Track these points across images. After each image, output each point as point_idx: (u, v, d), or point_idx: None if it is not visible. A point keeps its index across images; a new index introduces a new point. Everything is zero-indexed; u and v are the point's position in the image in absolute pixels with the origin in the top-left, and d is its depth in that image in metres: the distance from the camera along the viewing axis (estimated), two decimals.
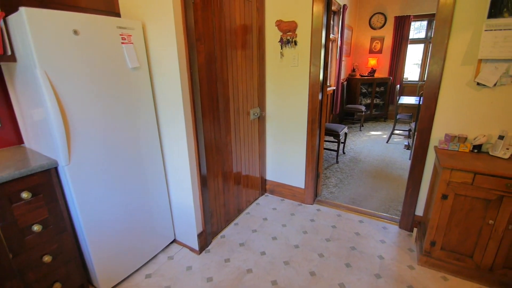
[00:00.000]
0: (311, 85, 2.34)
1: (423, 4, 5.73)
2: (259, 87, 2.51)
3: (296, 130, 2.55)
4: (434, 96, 1.91)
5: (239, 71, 2.20)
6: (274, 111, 2.62)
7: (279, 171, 2.78)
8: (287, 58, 2.41)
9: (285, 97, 2.52)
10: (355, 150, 4.28)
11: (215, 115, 2.00)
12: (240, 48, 2.18)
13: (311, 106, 2.39)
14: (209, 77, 1.88)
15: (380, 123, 6.19)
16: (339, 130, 3.64)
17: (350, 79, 6.08)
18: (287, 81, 2.46)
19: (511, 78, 1.70)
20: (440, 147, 1.90)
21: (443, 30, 1.79)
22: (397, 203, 2.66)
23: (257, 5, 2.31)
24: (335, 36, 5.00)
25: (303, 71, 2.36)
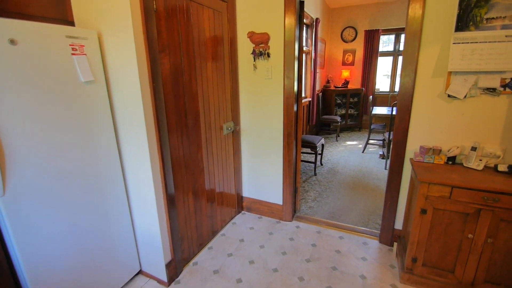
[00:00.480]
0: (285, 98, 2.27)
1: (390, 19, 6.01)
2: (232, 101, 2.40)
3: (272, 144, 2.45)
4: (407, 108, 1.89)
5: (210, 84, 2.08)
6: (249, 125, 2.51)
7: (256, 187, 2.65)
8: (260, 71, 2.33)
9: (260, 111, 2.42)
10: (332, 161, 4.27)
11: (184, 131, 1.85)
12: (211, 60, 2.06)
13: (286, 119, 2.31)
14: (175, 91, 1.74)
15: (355, 133, 6.30)
16: (316, 141, 3.60)
17: (325, 91, 6.18)
18: (261, 94, 2.37)
19: (480, 90, 1.72)
20: (416, 159, 1.88)
21: (413, 43, 1.79)
22: (376, 215, 2.62)
23: (228, 16, 2.23)
24: (309, 48, 5.06)
25: (277, 83, 2.29)
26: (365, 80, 6.44)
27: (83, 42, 1.42)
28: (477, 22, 1.64)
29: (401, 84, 1.88)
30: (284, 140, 2.37)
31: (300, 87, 2.39)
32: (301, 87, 2.41)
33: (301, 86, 2.41)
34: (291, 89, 2.24)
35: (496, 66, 1.63)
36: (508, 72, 1.63)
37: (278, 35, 2.19)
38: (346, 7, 6.29)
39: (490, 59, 1.63)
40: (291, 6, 2.10)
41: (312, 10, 4.78)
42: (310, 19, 4.76)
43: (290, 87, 2.24)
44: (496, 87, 1.68)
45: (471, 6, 1.63)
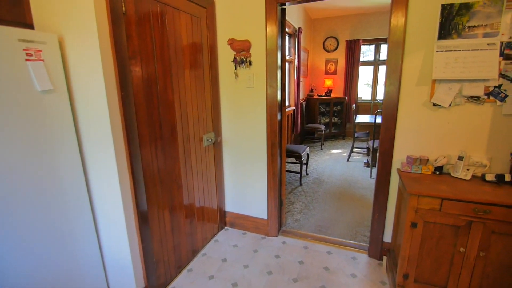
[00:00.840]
0: (268, 107, 2.18)
1: (369, 30, 6.16)
2: (213, 110, 2.27)
3: (255, 155, 2.34)
4: (392, 117, 1.84)
5: (188, 93, 1.95)
6: (231, 136, 2.39)
7: (239, 201, 2.51)
8: (242, 79, 2.23)
9: (242, 120, 2.31)
10: (318, 171, 4.20)
11: (159, 143, 1.70)
12: (189, 68, 1.94)
13: (270, 129, 2.21)
14: (149, 100, 1.60)
15: (339, 141, 6.32)
16: (301, 151, 3.52)
17: (308, 99, 6.18)
18: (244, 103, 2.27)
19: (464, 98, 1.69)
20: (403, 170, 1.82)
21: (397, 51, 1.76)
22: (364, 227, 2.54)
23: (207, 22, 2.13)
24: (292, 57, 5.05)
25: (259, 92, 2.19)
26: (347, 89, 6.51)
27: (41, 47, 1.27)
28: (460, 30, 1.62)
29: (385, 92, 1.84)
30: (268, 151, 2.26)
31: (283, 96, 2.31)
32: (284, 96, 2.33)
33: (284, 95, 2.33)
34: (274, 98, 2.15)
35: (479, 74, 1.61)
36: (491, 80, 1.61)
37: (259, 43, 2.11)
38: (328, 18, 6.40)
39: (473, 67, 1.61)
40: (273, 13, 2.03)
41: (294, 19, 4.80)
42: (293, 28, 4.77)
43: (273, 96, 2.15)
44: (480, 95, 1.65)
45: (453, 14, 1.62)
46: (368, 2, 5.27)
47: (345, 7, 5.59)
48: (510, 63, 1.58)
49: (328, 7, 5.61)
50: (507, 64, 1.58)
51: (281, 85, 2.25)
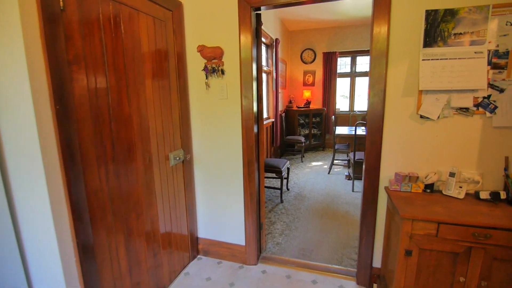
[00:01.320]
0: (244, 120, 1.96)
1: (345, 42, 6.23)
2: (181, 125, 2.02)
3: (230, 174, 2.10)
4: (378, 130, 1.69)
5: (150, 107, 1.69)
6: (202, 153, 2.14)
7: (213, 226, 2.24)
8: (214, 90, 2.01)
9: (215, 136, 2.07)
10: (299, 185, 4.02)
11: (110, 166, 1.42)
12: (151, 77, 1.70)
13: (246, 144, 1.99)
14: (96, 115, 1.33)
15: (319, 153, 6.22)
16: (281, 166, 3.32)
17: (287, 111, 6.08)
18: (216, 116, 2.04)
19: (453, 110, 1.57)
20: (392, 188, 1.66)
21: (380, 60, 1.62)
22: (350, 248, 2.35)
23: (174, 26, 1.91)
24: (270, 68, 4.94)
25: (233, 104, 1.98)
26: (325, 100, 6.50)
27: None
28: (445, 38, 1.51)
29: (369, 104, 1.69)
30: (244, 169, 2.03)
31: (260, 107, 2.11)
32: (261, 108, 2.13)
33: (261, 107, 2.13)
34: (250, 110, 1.94)
35: (467, 84, 1.50)
36: (480, 91, 1.51)
37: (233, 50, 1.91)
38: (304, 30, 6.42)
39: (462, 76, 1.51)
40: (246, 18, 1.85)
41: (271, 30, 4.71)
42: (270, 39, 4.66)
43: (249, 108, 1.94)
44: (469, 107, 1.54)
45: (438, 20, 1.51)
46: (343, 15, 5.33)
47: (321, 19, 5.62)
48: (498, 72, 1.48)
49: (305, 20, 5.62)
50: (495, 74, 1.49)
51: (258, 96, 2.06)
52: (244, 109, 1.94)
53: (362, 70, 6.47)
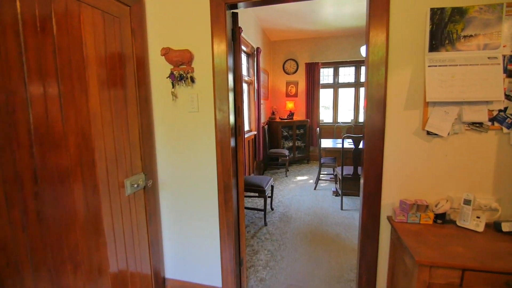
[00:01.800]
0: (219, 137, 1.64)
1: (327, 53, 6.14)
2: (142, 144, 1.66)
3: (203, 202, 1.75)
4: (378, 149, 1.42)
5: (95, 122, 1.33)
6: (170, 177, 1.78)
7: (184, 265, 1.86)
8: (182, 101, 1.68)
9: (185, 156, 1.73)
10: (284, 203, 3.70)
11: (31, 206, 1.03)
12: (98, 85, 1.34)
13: (221, 166, 1.66)
14: (7, 137, 0.96)
15: (304, 166, 5.98)
16: (264, 184, 3.00)
17: (270, 123, 5.82)
18: (185, 133, 1.70)
19: (464, 125, 1.34)
20: (397, 219, 1.38)
21: (379, 67, 1.37)
22: (345, 283, 2.04)
23: (133, 25, 1.58)
24: (251, 78, 4.68)
25: (206, 118, 1.65)
26: (309, 112, 6.32)
27: None
28: (454, 41, 1.29)
29: (367, 118, 1.42)
30: (220, 196, 1.69)
31: (239, 121, 1.80)
32: (240, 122, 1.82)
33: (240, 120, 1.82)
34: (225, 126, 1.62)
35: (482, 94, 1.27)
36: (496, 102, 1.28)
37: (204, 53, 1.61)
38: (286, 40, 6.27)
39: (475, 85, 1.27)
40: (220, 17, 1.56)
41: (252, 39, 4.48)
42: (251, 47, 4.42)
43: (225, 123, 1.62)
44: (483, 121, 1.31)
45: (445, 20, 1.28)
46: (325, 25, 5.22)
47: (303, 29, 5.48)
48: None
49: (286, 29, 5.46)
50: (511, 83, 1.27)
51: (236, 108, 1.75)
52: (218, 124, 1.62)
53: (345, 81, 6.38)
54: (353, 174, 3.44)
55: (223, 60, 1.57)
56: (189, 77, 1.61)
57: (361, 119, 6.37)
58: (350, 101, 6.46)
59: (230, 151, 1.64)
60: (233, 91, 1.70)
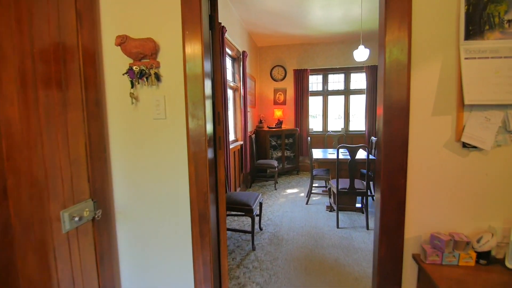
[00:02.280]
0: (192, 152, 1.26)
1: (316, 60, 5.93)
2: (91, 161, 1.26)
3: (172, 237, 1.35)
4: (400, 169, 1.09)
5: (13, 134, 0.93)
6: (130, 204, 1.38)
7: None
8: (145, 105, 1.30)
9: (149, 175, 1.34)
10: (274, 221, 3.33)
11: None
12: (19, 85, 0.95)
13: (195, 190, 1.28)
14: None
15: (293, 177, 5.65)
16: (251, 202, 2.63)
17: (258, 132, 5.48)
18: (150, 146, 1.32)
19: (510, 135, 1.03)
20: (429, 261, 1.04)
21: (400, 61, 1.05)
22: None
23: (78, 6, 1.20)
24: (237, 84, 4.35)
25: (176, 126, 1.28)
26: (298, 120, 6.05)
27: None
28: (496, 26, 0.99)
29: (384, 129, 1.09)
30: (194, 229, 1.30)
31: (220, 130, 1.44)
32: (221, 131, 1.46)
33: (221, 129, 1.46)
34: (201, 136, 1.25)
35: None
36: None
37: (172, 43, 1.25)
38: (274, 46, 6.03)
39: None
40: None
41: (238, 42, 4.17)
42: (237, 51, 4.11)
43: (199, 133, 1.25)
44: None
45: (484, 0, 0.99)
46: (314, 30, 5.01)
47: (291, 34, 5.25)
48: None
49: (274, 34, 5.21)
50: None
51: (215, 114, 1.39)
52: (192, 134, 1.25)
53: (335, 89, 6.17)
54: (349, 188, 3.13)
55: (197, 51, 1.22)
56: (153, 74, 1.24)
57: (352, 127, 6.16)
58: (339, 109, 6.25)
59: (207, 169, 1.26)
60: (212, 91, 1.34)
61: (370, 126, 5.75)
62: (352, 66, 5.81)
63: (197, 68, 1.22)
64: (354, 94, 6.09)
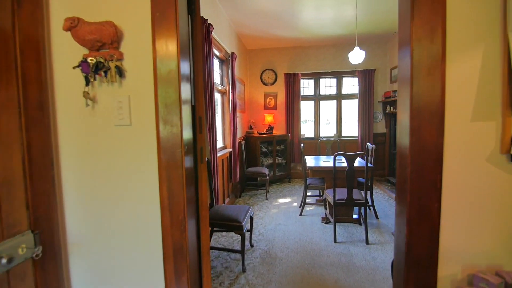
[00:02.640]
0: (165, 167, 0.98)
1: (308, 64, 5.76)
2: (31, 180, 0.97)
3: (139, 276, 1.06)
4: (433, 188, 0.85)
5: None
6: (85, 233, 1.08)
7: None
8: (104, 107, 1.02)
9: (110, 198, 1.05)
10: (266, 236, 3.05)
11: None
12: None
13: (169, 215, 1.00)
14: None
15: (285, 185, 5.40)
16: (241, 217, 2.35)
17: (248, 138, 5.22)
18: (110, 160, 1.03)
19: None
20: None
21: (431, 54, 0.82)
22: None
23: None
24: (225, 88, 4.09)
25: (144, 134, 1.00)
26: (289, 125, 5.83)
27: None
28: None
29: (412, 139, 0.85)
30: (167, 266, 1.01)
31: (201, 139, 1.17)
32: (203, 140, 1.19)
33: (203, 138, 1.19)
34: (175, 148, 0.98)
35: None
36: None
37: (139, 28, 0.98)
38: (264, 49, 5.83)
39: None
40: None
41: (226, 43, 3.93)
42: (225, 52, 3.87)
43: (174, 144, 0.98)
44: None
45: None
46: (306, 32, 4.83)
47: (282, 37, 5.06)
48: None
49: (264, 36, 5.00)
50: None
51: (195, 120, 1.12)
52: (164, 145, 0.98)
53: (327, 93, 6.01)
54: (347, 199, 2.90)
55: (171, 38, 0.95)
56: (113, 67, 0.96)
57: (345, 133, 5.99)
58: (331, 114, 6.08)
59: (183, 189, 0.99)
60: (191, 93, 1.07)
61: (363, 132, 5.60)
62: (344, 70, 5.68)
63: (171, 60, 0.96)
64: (346, 99, 5.94)
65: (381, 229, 3.20)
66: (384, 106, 5.50)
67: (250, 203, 4.28)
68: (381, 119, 5.65)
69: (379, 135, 5.68)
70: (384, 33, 4.97)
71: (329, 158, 4.00)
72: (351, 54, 3.56)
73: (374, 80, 5.56)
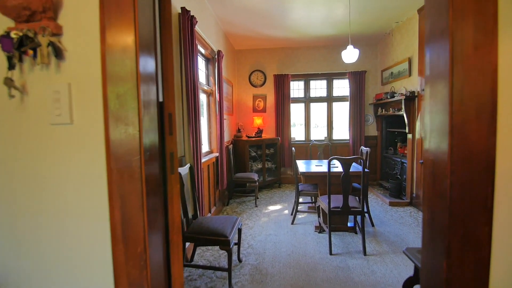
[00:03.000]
0: (116, 182, 0.73)
1: (297, 65, 5.60)
2: None
3: None
4: (482, 208, 0.63)
5: None
6: (9, 272, 0.80)
7: None
8: (35, 99, 0.75)
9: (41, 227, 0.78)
10: (255, 249, 2.79)
11: None
12: None
13: (123, 248, 0.73)
14: None
15: (275, 191, 5.16)
16: (227, 230, 2.09)
17: (236, 141, 4.97)
18: (42, 173, 0.76)
19: None
20: None
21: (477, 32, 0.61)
22: None
23: None
24: (211, 88, 3.84)
25: (88, 137, 0.74)
26: (279, 128, 5.62)
27: None
28: None
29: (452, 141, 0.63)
30: None
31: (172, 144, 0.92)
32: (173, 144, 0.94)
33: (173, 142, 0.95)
34: (132, 156, 0.73)
35: None
36: None
37: None
38: (253, 50, 5.63)
39: None
40: None
41: (213, 40, 3.69)
42: (211, 50, 3.62)
43: (131, 149, 0.72)
44: None
45: None
46: (296, 32, 4.66)
47: (271, 36, 4.87)
48: None
49: (252, 36, 4.80)
50: None
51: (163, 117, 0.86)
52: (116, 151, 0.72)
53: (317, 95, 5.85)
54: (343, 206, 2.69)
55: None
56: (45, 44, 0.70)
57: (336, 136, 5.83)
58: (322, 116, 5.92)
59: (144, 211, 0.73)
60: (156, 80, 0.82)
61: (355, 135, 5.45)
62: (335, 72, 5.54)
63: (126, 34, 0.71)
64: (337, 101, 5.80)
65: (377, 238, 3.01)
66: (375, 108, 5.38)
67: (238, 211, 4.01)
68: (373, 121, 5.53)
69: (371, 138, 5.55)
70: (375, 34, 4.86)
71: (321, 163, 3.80)
72: (344, 53, 3.39)
73: (365, 82, 5.44)
